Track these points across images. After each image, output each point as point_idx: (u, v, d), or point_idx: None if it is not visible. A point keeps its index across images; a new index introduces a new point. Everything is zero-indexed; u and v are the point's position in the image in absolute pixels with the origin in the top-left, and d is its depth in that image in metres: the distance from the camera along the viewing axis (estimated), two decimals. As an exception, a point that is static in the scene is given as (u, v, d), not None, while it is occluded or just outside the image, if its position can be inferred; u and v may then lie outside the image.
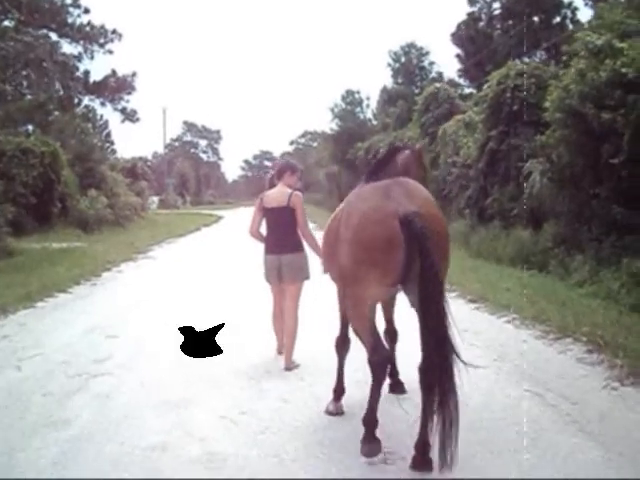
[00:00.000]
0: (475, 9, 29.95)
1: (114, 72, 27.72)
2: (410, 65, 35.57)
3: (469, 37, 29.22)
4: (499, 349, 6.48)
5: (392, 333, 5.24)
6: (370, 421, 4.02)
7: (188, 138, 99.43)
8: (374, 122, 39.38)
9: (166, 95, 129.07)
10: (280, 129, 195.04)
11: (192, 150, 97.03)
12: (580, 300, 8.79)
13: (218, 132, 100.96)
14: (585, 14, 27.44)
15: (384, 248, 3.65)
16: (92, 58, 26.12)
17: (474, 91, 28.88)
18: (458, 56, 30.61)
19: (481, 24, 29.59)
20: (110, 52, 26.49)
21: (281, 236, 6.05)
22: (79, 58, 25.26)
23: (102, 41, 25.71)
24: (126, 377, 5.90)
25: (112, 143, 46.07)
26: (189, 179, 72.53)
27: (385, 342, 4.37)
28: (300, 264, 6.05)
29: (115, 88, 27.51)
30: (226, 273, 13.25)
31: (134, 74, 27.94)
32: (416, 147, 5.55)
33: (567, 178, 12.36)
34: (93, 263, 13.84)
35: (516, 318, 7.77)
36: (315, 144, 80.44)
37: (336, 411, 4.87)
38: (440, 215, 3.98)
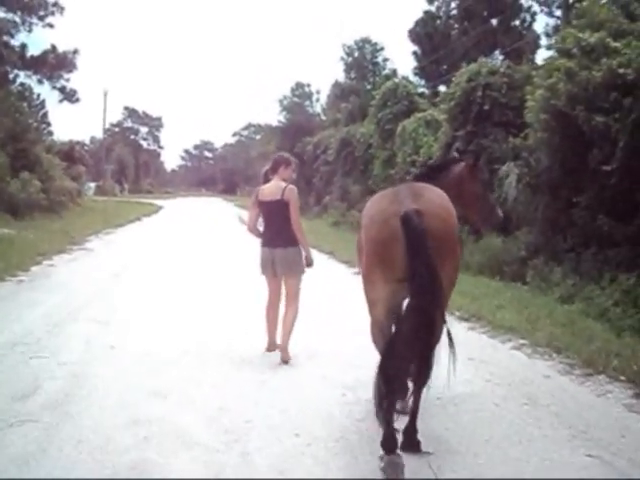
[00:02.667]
0: (433, 7, 29.04)
1: (54, 48, 25.44)
2: (364, 60, 34.43)
3: (427, 34, 28.25)
4: (523, 388, 5.25)
5: None
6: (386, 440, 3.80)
7: (128, 124, 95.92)
8: (323, 117, 38.13)
9: (107, 78, 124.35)
10: (223, 120, 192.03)
11: (132, 136, 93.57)
12: (582, 321, 7.73)
13: (159, 119, 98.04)
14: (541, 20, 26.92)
15: (387, 245, 3.76)
16: (30, 31, 23.89)
17: (426, 91, 28.06)
18: (414, 53, 29.63)
19: (438, 22, 28.65)
20: (50, 26, 24.33)
21: (276, 230, 5.97)
22: (15, 29, 22.88)
23: (42, 13, 23.43)
24: (59, 427, 4.23)
25: (49, 124, 43.13)
26: (128, 166, 70.00)
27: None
28: (294, 258, 6.00)
29: (54, 65, 25.27)
30: (171, 269, 11.77)
31: (76, 51, 25.77)
32: (472, 161, 5.31)
33: (544, 184, 11.44)
34: (21, 254, 11.95)
35: (525, 344, 6.59)
36: (258, 137, 78.91)
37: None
38: (446, 215, 3.90)
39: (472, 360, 6.01)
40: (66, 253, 13.62)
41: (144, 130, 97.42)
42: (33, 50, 25.69)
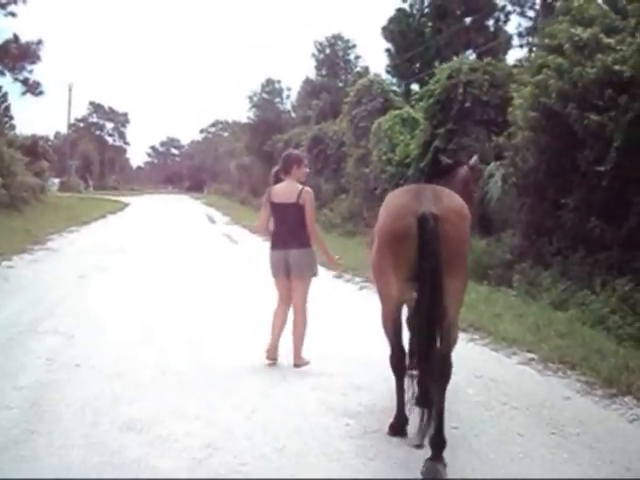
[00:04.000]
0: (406, 5, 28.49)
1: (16, 37, 24.15)
2: (335, 57, 33.74)
3: (400, 32, 27.68)
4: (544, 413, 4.63)
5: None
6: (395, 425, 4.12)
7: (94, 119, 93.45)
8: (293, 114, 37.35)
9: (72, 72, 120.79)
10: (190, 116, 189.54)
11: (97, 132, 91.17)
12: (584, 330, 7.19)
13: (125, 115, 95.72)
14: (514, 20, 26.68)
15: (400, 240, 3.78)
16: (-10, 20, 22.55)
17: (398, 89, 27.52)
18: (388, 51, 29.05)
19: (412, 20, 28.08)
20: (12, 15, 23.02)
21: (289, 232, 5.72)
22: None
23: (4, 1, 22.20)
24: None
25: (11, 118, 41.47)
26: (93, 162, 68.09)
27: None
28: (308, 260, 5.77)
29: (17, 56, 23.99)
30: (142, 269, 10.99)
31: (39, 42, 24.51)
32: (472, 163, 5.43)
33: (530, 184, 10.94)
34: (-23, 255, 11.01)
35: (534, 359, 5.99)
36: (226, 134, 77.72)
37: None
38: (461, 224, 3.91)
39: (480, 378, 5.40)
40: (27, 253, 12.67)
41: (110, 126, 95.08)
42: (-7, 39, 24.39)
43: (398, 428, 4.14)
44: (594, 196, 9.34)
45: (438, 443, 3.65)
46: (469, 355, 5.95)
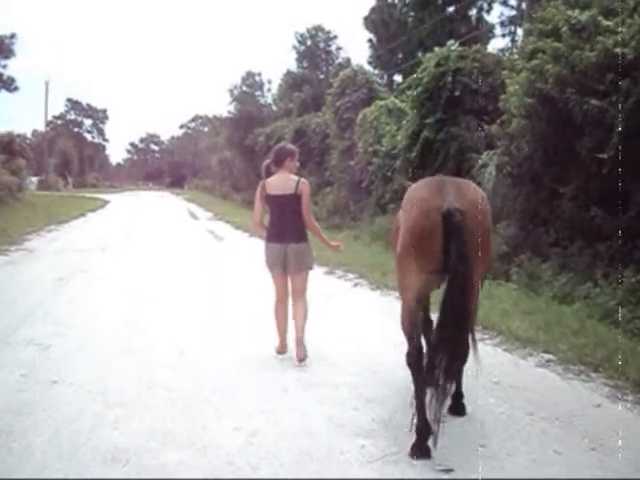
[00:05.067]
0: (389, -5, 27.86)
1: (-12, 31, 23.15)
2: (316, 49, 33.05)
3: (383, 22, 27.08)
4: (576, 423, 4.12)
5: (427, 321, 4.80)
6: (419, 428, 3.73)
7: (72, 116, 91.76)
8: (274, 107, 36.61)
9: (48, 68, 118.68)
10: (169, 112, 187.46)
11: (76, 129, 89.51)
12: (597, 326, 6.74)
13: (104, 111, 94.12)
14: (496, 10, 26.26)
15: (426, 236, 3.75)
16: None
17: (380, 80, 26.99)
18: (370, 41, 28.44)
19: (393, 10, 27.51)
20: (-17, 9, 22.07)
21: (286, 224, 5.66)
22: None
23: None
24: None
25: (-14, 115, 40.27)
26: (72, 160, 66.64)
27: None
28: (305, 253, 5.73)
29: (-11, 50, 23.01)
30: (124, 270, 10.39)
31: (13, 36, 23.60)
32: None
33: (525, 173, 10.51)
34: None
35: (552, 361, 5.51)
36: (206, 129, 76.70)
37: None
38: (484, 218, 3.93)
39: (499, 385, 4.90)
40: (2, 254, 11.96)
41: (88, 123, 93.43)
42: (-36, 33, 23.43)
43: (420, 443, 3.67)
44: (593, 184, 8.95)
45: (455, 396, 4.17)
46: (482, 357, 5.43)
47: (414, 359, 3.86)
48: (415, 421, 3.71)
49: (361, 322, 7.13)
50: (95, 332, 6.41)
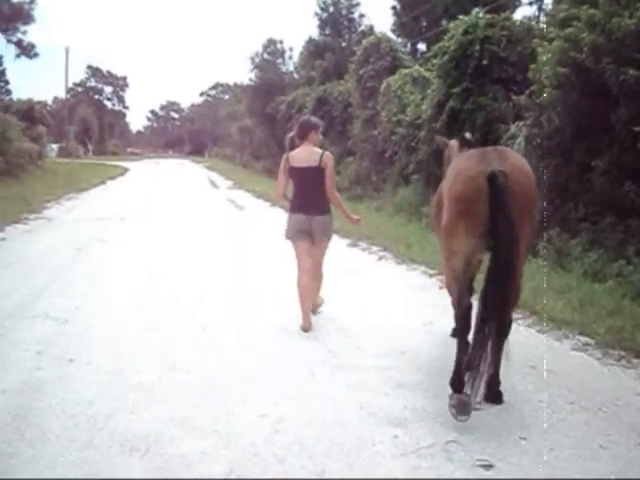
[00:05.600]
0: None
1: (7, -4, 22.82)
2: (339, 16, 32.27)
3: (408, -14, 26.31)
4: (620, 414, 3.81)
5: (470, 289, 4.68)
6: (454, 381, 3.90)
7: (92, 83, 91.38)
8: (296, 75, 35.96)
9: (69, 35, 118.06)
10: (190, 79, 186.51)
11: (96, 97, 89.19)
12: (629, 307, 6.40)
13: (124, 79, 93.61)
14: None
15: (472, 201, 3.82)
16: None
17: (403, 49, 26.32)
18: (394, 8, 27.68)
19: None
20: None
21: (311, 196, 5.71)
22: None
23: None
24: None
25: (6, 82, 40.17)
26: (92, 127, 66.47)
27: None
28: (329, 225, 5.86)
29: (9, 16, 22.73)
30: (145, 240, 10.23)
31: (32, 1, 23.21)
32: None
33: (555, 146, 10.09)
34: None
35: (589, 344, 5.22)
36: (227, 97, 76.09)
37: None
38: (527, 181, 3.95)
39: (535, 369, 4.63)
40: (21, 223, 11.81)
41: (108, 90, 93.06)
42: (-17, 0, 23.09)
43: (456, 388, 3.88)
44: (627, 158, 8.58)
45: (494, 385, 3.99)
46: (516, 339, 5.12)
47: (463, 315, 3.98)
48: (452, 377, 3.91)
49: (387, 299, 6.87)
50: (113, 305, 6.22)
